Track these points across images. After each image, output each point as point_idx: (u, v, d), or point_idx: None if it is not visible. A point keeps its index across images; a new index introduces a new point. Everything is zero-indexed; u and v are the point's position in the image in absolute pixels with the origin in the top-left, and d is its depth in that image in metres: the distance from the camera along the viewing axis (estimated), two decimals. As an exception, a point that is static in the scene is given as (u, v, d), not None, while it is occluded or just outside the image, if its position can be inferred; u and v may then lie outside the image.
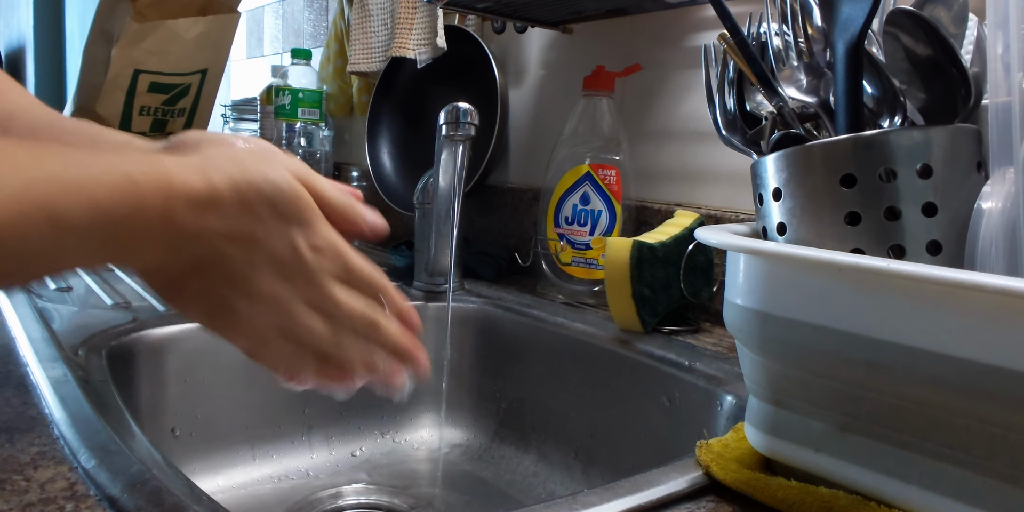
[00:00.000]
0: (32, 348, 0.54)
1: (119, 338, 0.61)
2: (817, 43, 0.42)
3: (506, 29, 1.00)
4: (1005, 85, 0.34)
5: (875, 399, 0.33)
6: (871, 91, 0.41)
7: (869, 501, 0.34)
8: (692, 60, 0.83)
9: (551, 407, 0.72)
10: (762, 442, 0.39)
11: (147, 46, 1.17)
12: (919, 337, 0.30)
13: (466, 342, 0.81)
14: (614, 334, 0.68)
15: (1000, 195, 0.34)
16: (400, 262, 0.93)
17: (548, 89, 1.03)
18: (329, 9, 1.51)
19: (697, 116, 0.83)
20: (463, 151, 0.76)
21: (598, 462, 0.67)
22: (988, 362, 0.28)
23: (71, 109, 1.26)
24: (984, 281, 0.27)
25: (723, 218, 0.77)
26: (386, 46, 1.10)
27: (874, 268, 0.30)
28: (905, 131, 0.36)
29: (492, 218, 1.07)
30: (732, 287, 0.38)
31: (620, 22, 0.91)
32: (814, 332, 0.33)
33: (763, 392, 0.38)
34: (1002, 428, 0.29)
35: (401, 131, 1.18)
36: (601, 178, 0.79)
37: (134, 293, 0.76)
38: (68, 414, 0.42)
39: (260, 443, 0.70)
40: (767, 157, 0.39)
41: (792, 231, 0.38)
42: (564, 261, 0.82)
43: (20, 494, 0.34)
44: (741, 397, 0.54)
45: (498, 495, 0.69)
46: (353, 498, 0.67)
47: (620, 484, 0.39)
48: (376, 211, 0.39)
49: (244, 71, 1.93)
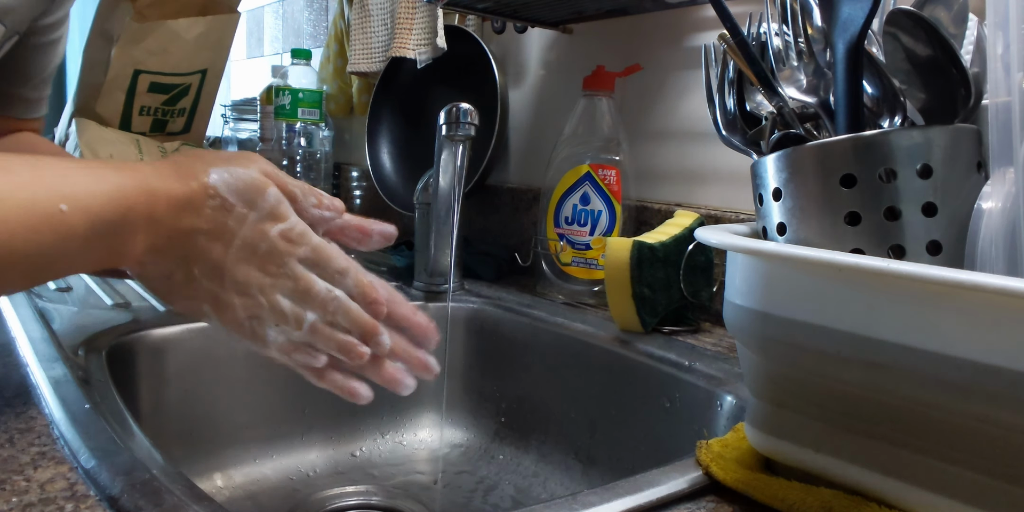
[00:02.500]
0: (32, 348, 0.54)
1: (119, 338, 0.61)
2: (817, 43, 0.42)
3: (506, 29, 1.00)
4: (1005, 85, 0.34)
5: (875, 399, 0.33)
6: (871, 91, 0.41)
7: (869, 501, 0.34)
8: (692, 60, 0.83)
9: (551, 407, 0.72)
10: (762, 442, 0.39)
11: (147, 46, 1.17)
12: (919, 337, 0.30)
13: (466, 342, 0.81)
14: (614, 334, 0.68)
15: (1000, 195, 0.34)
16: (400, 262, 0.93)
17: (548, 89, 1.03)
18: (329, 9, 1.51)
19: (697, 116, 0.83)
20: (463, 151, 0.76)
21: (598, 462, 0.67)
22: (988, 362, 0.28)
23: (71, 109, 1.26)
24: (984, 281, 0.27)
25: (723, 218, 0.77)
26: (386, 46, 1.10)
27: (874, 268, 0.30)
28: (905, 131, 0.36)
29: (492, 218, 1.07)
30: (732, 287, 0.38)
31: (620, 22, 0.91)
32: (814, 332, 0.33)
33: (763, 392, 0.38)
34: (1002, 428, 0.29)
35: (401, 131, 1.18)
36: (601, 178, 0.79)
37: (134, 293, 0.76)
38: (68, 414, 0.42)
39: (260, 443, 0.70)
40: (767, 157, 0.39)
41: (792, 231, 0.38)
42: (564, 261, 0.82)
43: (20, 494, 0.34)
44: (741, 397, 0.53)
45: (498, 495, 0.69)
46: (353, 498, 0.67)
47: (620, 484, 0.39)
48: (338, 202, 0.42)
49: (244, 71, 1.93)
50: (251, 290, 0.38)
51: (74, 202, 0.32)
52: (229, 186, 0.37)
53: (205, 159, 0.38)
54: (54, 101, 0.77)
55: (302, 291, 0.39)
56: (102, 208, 0.33)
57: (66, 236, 0.32)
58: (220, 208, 0.37)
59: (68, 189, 0.33)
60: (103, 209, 0.33)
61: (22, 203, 0.31)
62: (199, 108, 1.33)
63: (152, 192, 0.35)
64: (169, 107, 1.28)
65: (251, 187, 0.37)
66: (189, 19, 1.19)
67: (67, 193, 0.32)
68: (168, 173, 0.36)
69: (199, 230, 0.36)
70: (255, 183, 0.38)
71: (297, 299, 0.39)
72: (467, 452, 0.76)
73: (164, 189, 0.36)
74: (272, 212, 0.38)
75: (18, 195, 0.31)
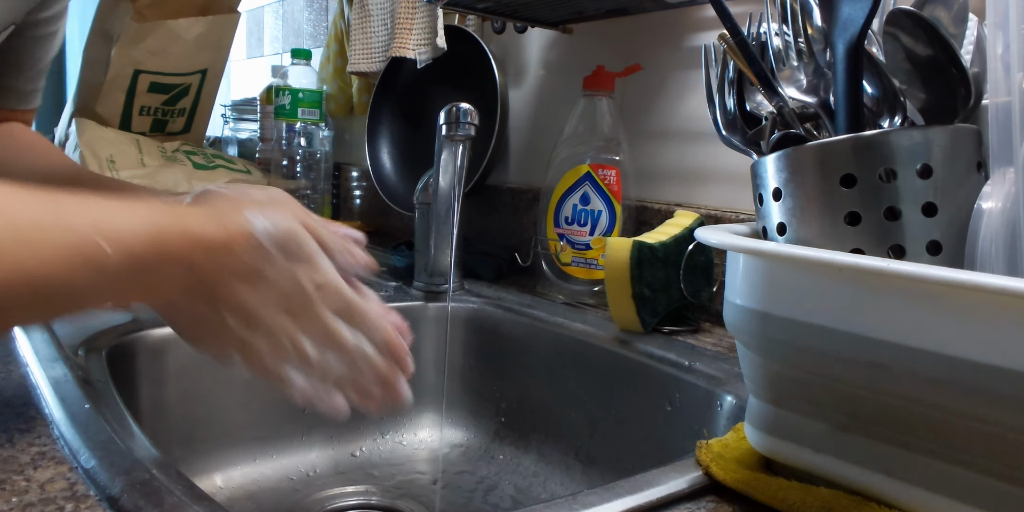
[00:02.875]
0: (32, 348, 0.54)
1: (119, 338, 0.61)
2: (817, 43, 0.42)
3: (506, 29, 1.00)
4: (1005, 85, 0.34)
5: (875, 399, 0.33)
6: (871, 91, 0.41)
7: (869, 501, 0.34)
8: (692, 60, 0.83)
9: (551, 407, 0.72)
10: (762, 442, 0.39)
11: (147, 46, 1.17)
12: (919, 337, 0.30)
13: (466, 342, 0.81)
14: (614, 334, 0.68)
15: (1000, 195, 0.34)
16: (400, 262, 0.93)
17: (548, 89, 1.03)
18: (329, 9, 1.51)
19: (697, 116, 0.83)
20: (463, 151, 0.76)
21: (598, 462, 0.67)
22: (988, 362, 0.28)
23: (71, 109, 1.26)
24: (984, 281, 0.27)
25: (723, 218, 0.77)
26: (386, 46, 1.10)
27: (874, 268, 0.30)
28: (905, 131, 0.36)
29: (492, 218, 1.07)
30: (732, 287, 0.38)
31: (620, 22, 0.91)
32: (814, 332, 0.33)
33: (763, 392, 0.38)
34: (1002, 428, 0.29)
35: (401, 131, 1.18)
36: (601, 178, 0.79)
37: (134, 293, 0.76)
38: (68, 414, 0.42)
39: (260, 443, 0.70)
40: (767, 157, 0.39)
41: (792, 231, 0.38)
42: (564, 261, 0.82)
43: (20, 494, 0.34)
44: (741, 397, 0.53)
45: (498, 495, 0.69)
46: (353, 498, 0.67)
47: (620, 484, 0.39)
48: (365, 249, 0.43)
49: (244, 71, 1.93)
50: (281, 338, 0.38)
51: (113, 239, 0.32)
52: (269, 235, 0.37)
53: (240, 202, 0.38)
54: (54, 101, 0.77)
55: (332, 344, 0.39)
56: (143, 248, 0.33)
57: (100, 271, 0.32)
58: (258, 256, 0.37)
59: (107, 225, 0.32)
60: (144, 249, 0.33)
61: (60, 235, 0.31)
62: (199, 108, 1.33)
63: (190, 235, 0.35)
64: (169, 107, 1.28)
65: (290, 237, 0.38)
66: (189, 19, 1.19)
67: (105, 229, 0.32)
68: (206, 217, 0.36)
69: (236, 275, 0.36)
70: (294, 234, 0.38)
71: (324, 348, 0.39)
72: (467, 452, 0.76)
73: (202, 234, 0.35)
74: (308, 261, 0.38)
75: (58, 233, 0.31)
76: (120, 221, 0.33)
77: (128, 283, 0.34)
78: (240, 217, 0.37)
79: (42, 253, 0.30)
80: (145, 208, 0.35)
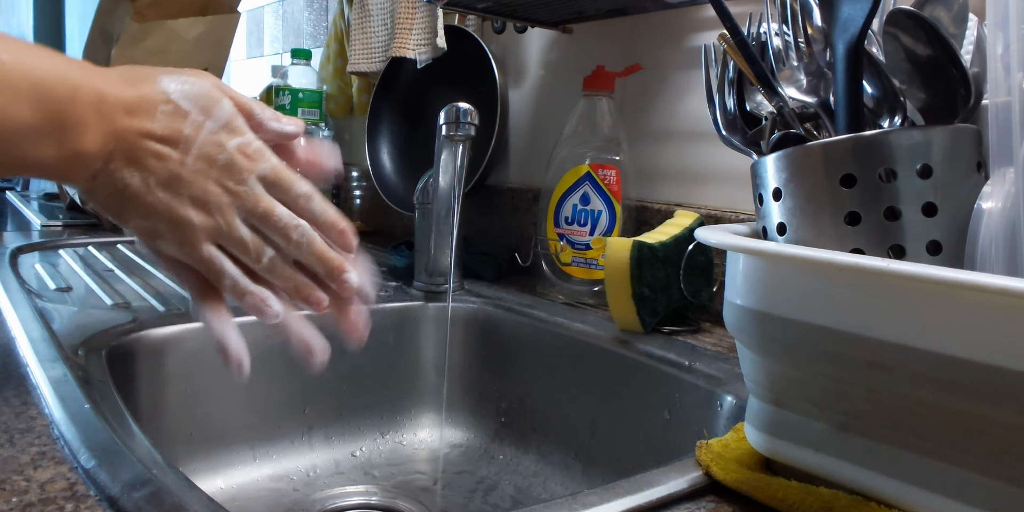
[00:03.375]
0: (32, 348, 0.54)
1: (119, 338, 0.61)
2: (817, 43, 0.42)
3: (506, 29, 1.00)
4: (1005, 85, 0.34)
5: (875, 399, 0.33)
6: (871, 91, 0.41)
7: (869, 501, 0.34)
8: (692, 60, 0.83)
9: (551, 407, 0.72)
10: (762, 442, 0.39)
11: (147, 46, 1.17)
12: (919, 337, 0.30)
13: (466, 342, 0.81)
14: (614, 334, 0.68)
15: (1000, 195, 0.34)
16: (400, 262, 0.93)
17: (548, 89, 1.03)
18: (329, 9, 1.51)
19: (697, 116, 0.83)
20: (463, 151, 0.76)
21: (598, 462, 0.67)
22: (988, 362, 0.28)
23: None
24: (984, 281, 0.27)
25: (723, 218, 0.77)
26: (386, 46, 1.10)
27: (874, 268, 0.30)
28: (905, 131, 0.36)
29: (492, 218, 1.07)
30: (732, 287, 0.38)
31: (620, 22, 0.91)
32: (814, 332, 0.33)
33: (763, 392, 0.38)
34: (1002, 428, 0.29)
35: (401, 131, 1.18)
36: (601, 178, 0.79)
37: (134, 293, 0.76)
38: (68, 414, 0.42)
39: (260, 443, 0.70)
40: (767, 157, 0.39)
41: (792, 231, 0.38)
42: (564, 261, 0.82)
43: (20, 494, 0.34)
44: (741, 397, 0.53)
45: (498, 495, 0.69)
46: (353, 498, 0.67)
47: (620, 484, 0.39)
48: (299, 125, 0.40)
49: (244, 71, 1.93)
50: (209, 207, 0.36)
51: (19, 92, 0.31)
52: (183, 93, 0.35)
53: (156, 70, 0.37)
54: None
55: (262, 215, 0.37)
56: (53, 84, 0.32)
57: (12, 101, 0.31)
58: (174, 113, 0.35)
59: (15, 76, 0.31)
60: (54, 85, 0.32)
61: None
62: (199, 108, 1.33)
63: (100, 93, 0.34)
64: (169, 107, 1.28)
65: (205, 96, 0.36)
66: (189, 19, 1.19)
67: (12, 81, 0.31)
68: (116, 78, 0.35)
69: (152, 134, 0.35)
70: (209, 92, 0.36)
71: (257, 224, 0.37)
72: (467, 452, 0.76)
73: (113, 92, 0.34)
74: (228, 124, 0.36)
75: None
76: (31, 69, 0.32)
77: (45, 133, 0.33)
78: (151, 77, 0.36)
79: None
80: (65, 62, 0.34)
